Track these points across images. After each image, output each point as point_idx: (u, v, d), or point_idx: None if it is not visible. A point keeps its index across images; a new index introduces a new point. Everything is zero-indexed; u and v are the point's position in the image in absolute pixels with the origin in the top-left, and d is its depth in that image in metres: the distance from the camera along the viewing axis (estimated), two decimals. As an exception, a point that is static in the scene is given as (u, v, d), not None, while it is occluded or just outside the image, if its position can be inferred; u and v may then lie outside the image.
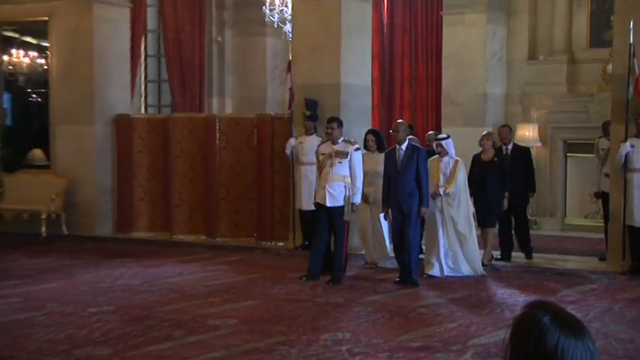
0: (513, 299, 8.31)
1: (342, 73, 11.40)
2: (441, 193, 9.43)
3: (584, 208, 13.68)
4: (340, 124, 9.31)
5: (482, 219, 10.11)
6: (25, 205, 13.02)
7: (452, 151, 9.62)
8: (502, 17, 14.05)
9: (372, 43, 13.12)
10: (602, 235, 10.87)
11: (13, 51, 14.28)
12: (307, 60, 11.55)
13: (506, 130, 10.86)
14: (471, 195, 10.07)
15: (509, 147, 10.64)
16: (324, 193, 9.02)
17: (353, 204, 9.05)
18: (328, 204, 9.01)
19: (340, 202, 9.01)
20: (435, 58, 15.53)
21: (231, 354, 6.20)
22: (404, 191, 8.98)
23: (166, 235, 12.83)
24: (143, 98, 15.64)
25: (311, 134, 10.92)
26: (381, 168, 9.84)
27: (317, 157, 9.42)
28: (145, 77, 15.64)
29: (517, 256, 10.65)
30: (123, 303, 8.06)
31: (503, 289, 8.92)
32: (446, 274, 9.45)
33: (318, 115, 11.05)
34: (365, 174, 9.39)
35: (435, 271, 9.47)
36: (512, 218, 10.59)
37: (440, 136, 9.97)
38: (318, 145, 9.57)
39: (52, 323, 7.18)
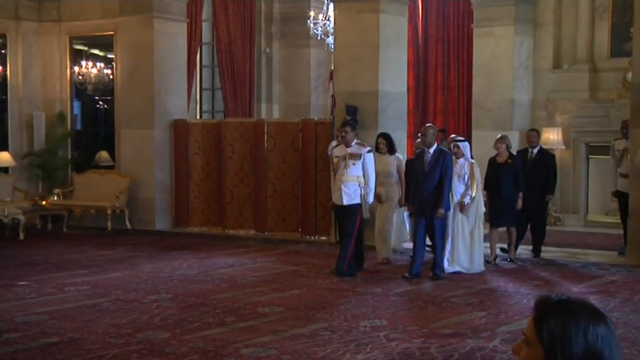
0: (539, 290, 8.21)
1: (380, 82, 11.36)
2: (467, 201, 9.14)
3: (605, 206, 13.47)
4: (353, 128, 9.12)
5: (498, 219, 9.77)
6: (92, 201, 13.20)
7: (468, 153, 9.38)
8: (529, 29, 13.89)
9: (408, 54, 13.05)
10: (622, 231, 10.69)
11: (83, 62, 14.50)
12: (348, 69, 11.54)
13: (534, 134, 10.51)
14: (487, 197, 9.80)
15: (535, 150, 10.29)
16: (341, 194, 8.83)
17: (367, 202, 8.89)
18: (345, 202, 8.81)
19: (356, 200, 8.82)
20: (466, 67, 15.41)
21: (278, 338, 6.22)
22: (428, 192, 8.78)
23: (219, 229, 12.90)
24: (198, 105, 15.74)
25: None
26: (392, 169, 9.78)
27: (331, 160, 9.21)
28: (200, 85, 15.74)
29: (545, 249, 10.49)
30: (180, 291, 8.13)
31: (529, 280, 8.82)
32: (451, 270, 9.10)
33: (357, 120, 11.03)
34: (377, 175, 9.19)
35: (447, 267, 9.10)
36: (530, 219, 10.13)
37: (457, 137, 9.67)
38: (332, 149, 9.30)
39: (117, 309, 7.27)
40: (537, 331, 1.90)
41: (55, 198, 13.50)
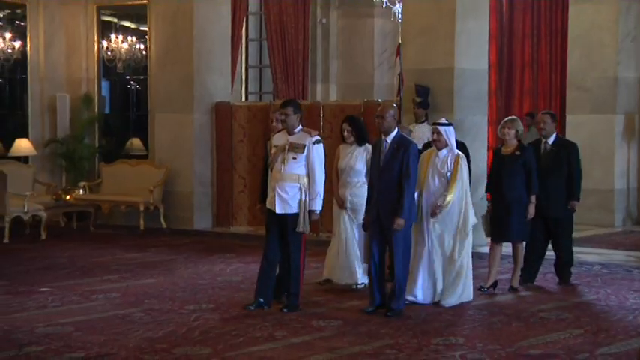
0: (646, 305, 8.08)
1: (456, 57, 11.28)
2: (440, 203, 7.93)
3: None
4: (297, 108, 7.84)
5: (501, 230, 8.66)
6: (122, 196, 13.39)
7: (453, 142, 8.12)
8: (637, -8, 13.62)
9: (490, 23, 12.93)
10: None
11: (112, 36, 14.68)
12: (418, 42, 11.48)
13: (547, 117, 9.09)
14: (490, 200, 8.94)
15: (550, 140, 9.01)
16: (274, 197, 7.71)
17: (312, 212, 7.68)
18: (278, 211, 7.64)
19: (294, 209, 7.65)
20: (559, 38, 15.21)
21: (335, 357, 6.23)
22: (384, 197, 7.56)
23: (268, 229, 12.96)
24: (244, 85, 15.84)
25: (422, 122, 10.82)
26: (359, 165, 8.63)
27: (268, 152, 8.12)
28: (246, 62, 15.83)
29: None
30: (223, 300, 8.21)
31: (636, 292, 8.66)
32: (424, 301, 8.02)
33: (429, 102, 10.98)
34: (340, 172, 8.68)
35: (415, 295, 8.02)
36: (550, 235, 9.04)
37: (439, 120, 8.36)
38: (271, 136, 8.15)
39: (150, 320, 7.38)
40: None
41: (81, 192, 13.74)
